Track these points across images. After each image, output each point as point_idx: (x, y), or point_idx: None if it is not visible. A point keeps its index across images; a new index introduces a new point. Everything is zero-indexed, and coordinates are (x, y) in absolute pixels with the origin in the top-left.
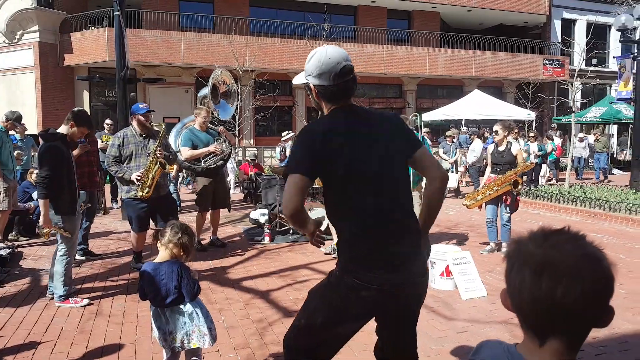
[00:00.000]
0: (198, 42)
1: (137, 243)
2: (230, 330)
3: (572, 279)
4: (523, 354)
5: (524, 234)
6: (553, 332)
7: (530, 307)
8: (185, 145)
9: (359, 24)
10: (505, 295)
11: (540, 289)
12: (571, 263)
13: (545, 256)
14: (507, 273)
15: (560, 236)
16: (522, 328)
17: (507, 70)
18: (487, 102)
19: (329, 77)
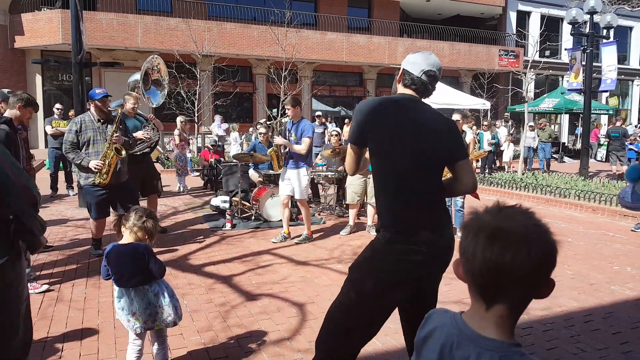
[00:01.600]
0: (156, 25)
1: (97, 230)
2: (194, 314)
3: (521, 245)
4: (467, 320)
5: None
6: (499, 296)
7: (481, 270)
8: None
9: (320, 11)
10: (457, 264)
11: (492, 253)
12: (521, 231)
13: (498, 224)
14: (463, 240)
15: (513, 209)
16: (470, 294)
17: (463, 60)
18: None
19: (419, 69)
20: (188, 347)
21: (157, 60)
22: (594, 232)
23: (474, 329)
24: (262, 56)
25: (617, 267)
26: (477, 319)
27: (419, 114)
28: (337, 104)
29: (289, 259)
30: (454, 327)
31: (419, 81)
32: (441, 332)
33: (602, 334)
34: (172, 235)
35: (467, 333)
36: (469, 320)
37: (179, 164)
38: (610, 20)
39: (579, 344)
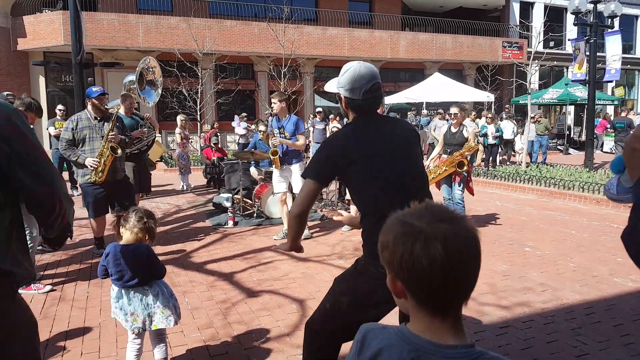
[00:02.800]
0: (156, 25)
1: (97, 228)
2: (194, 311)
3: (472, 244)
4: (419, 333)
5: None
6: (455, 301)
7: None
8: None
9: (321, 6)
10: (393, 281)
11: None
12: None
13: (443, 230)
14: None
15: (441, 209)
16: (418, 308)
17: (467, 53)
18: (448, 84)
19: (359, 92)
20: (188, 345)
21: (154, 62)
22: (598, 224)
23: (434, 341)
24: (263, 53)
25: (620, 258)
26: (434, 331)
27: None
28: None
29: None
30: (406, 344)
31: (365, 102)
32: (391, 353)
33: (603, 326)
34: (175, 233)
35: (427, 348)
36: (424, 334)
37: (182, 162)
38: (614, 9)
39: (579, 336)
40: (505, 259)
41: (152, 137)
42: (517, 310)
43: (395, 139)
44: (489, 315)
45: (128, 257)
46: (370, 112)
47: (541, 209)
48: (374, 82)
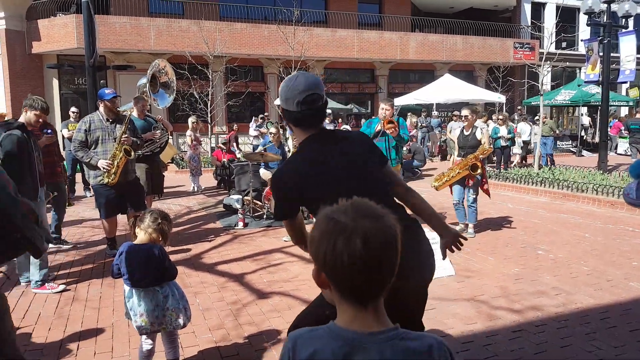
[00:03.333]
0: (168, 28)
1: (109, 228)
2: (206, 312)
3: (392, 238)
4: (347, 326)
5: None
6: (377, 292)
7: (362, 272)
8: None
9: (330, 8)
10: (318, 272)
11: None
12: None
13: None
14: (329, 248)
15: (366, 205)
16: (341, 301)
17: (477, 54)
18: (458, 86)
19: (292, 102)
20: (200, 346)
21: (163, 63)
22: (612, 227)
23: (364, 331)
24: (273, 55)
25: (635, 262)
26: (360, 321)
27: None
28: (349, 101)
29: (300, 257)
30: (335, 340)
31: (302, 115)
32: (324, 353)
33: (618, 331)
34: (186, 234)
35: (356, 339)
36: (353, 326)
37: (193, 164)
38: (628, 9)
39: (594, 341)
40: (517, 262)
41: (164, 139)
42: (530, 314)
43: (349, 158)
44: (501, 319)
45: (140, 257)
46: (311, 127)
47: (554, 212)
48: (310, 92)
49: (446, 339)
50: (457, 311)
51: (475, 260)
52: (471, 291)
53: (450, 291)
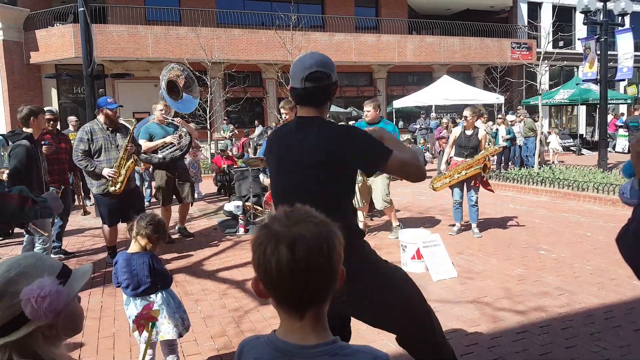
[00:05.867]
0: (165, 35)
1: (110, 237)
2: (207, 319)
3: (320, 245)
4: (286, 338)
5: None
6: (309, 301)
7: (290, 280)
8: (142, 137)
9: (327, 12)
10: (257, 281)
11: (297, 260)
12: (315, 232)
13: (294, 231)
14: (259, 256)
15: (299, 212)
16: (279, 310)
17: (475, 55)
18: (456, 87)
19: (298, 79)
20: (202, 354)
21: (175, 68)
22: (614, 226)
23: (296, 343)
24: (271, 61)
25: None
26: (296, 332)
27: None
28: (348, 104)
29: None
30: (273, 351)
31: (306, 92)
32: None
33: (623, 330)
34: (187, 241)
35: (291, 351)
36: (288, 337)
37: (192, 170)
38: (624, 7)
39: (599, 341)
40: (520, 262)
41: (186, 142)
42: (534, 315)
43: (303, 151)
44: (504, 320)
45: (132, 265)
46: (311, 106)
47: (555, 211)
48: (314, 69)
49: (450, 342)
50: (460, 313)
51: (478, 261)
52: (474, 293)
53: (453, 293)
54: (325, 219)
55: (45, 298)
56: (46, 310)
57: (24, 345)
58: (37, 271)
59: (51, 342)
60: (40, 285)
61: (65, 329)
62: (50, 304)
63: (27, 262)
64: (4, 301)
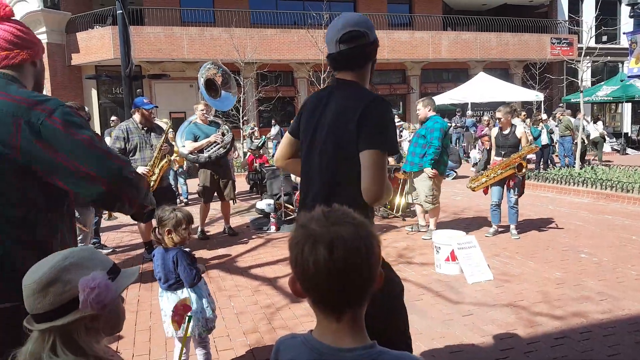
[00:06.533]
0: (200, 36)
1: (146, 232)
2: (240, 315)
3: (358, 246)
4: (322, 339)
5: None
6: (347, 303)
7: (328, 281)
8: (188, 138)
9: (359, 10)
10: (294, 281)
11: (335, 261)
12: (352, 232)
13: (331, 231)
14: (298, 256)
15: (336, 212)
16: (315, 311)
17: (513, 51)
18: (493, 84)
19: (333, 43)
20: (234, 349)
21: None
22: None
23: (332, 346)
24: (303, 60)
25: None
26: (332, 334)
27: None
28: None
29: None
30: (309, 351)
31: (341, 56)
32: None
33: None
34: (220, 238)
35: (327, 352)
36: (324, 339)
37: None
38: None
39: None
40: (559, 266)
41: (229, 140)
42: (574, 320)
43: (324, 121)
44: (542, 325)
45: (164, 260)
46: (347, 69)
47: (597, 213)
48: (349, 29)
49: (484, 346)
50: (495, 317)
51: (515, 264)
52: (510, 296)
53: (489, 296)
54: (363, 220)
55: (95, 289)
56: (93, 301)
57: (67, 332)
58: (90, 264)
59: (92, 335)
60: (92, 277)
61: (107, 325)
62: (98, 295)
63: (83, 254)
64: (56, 287)
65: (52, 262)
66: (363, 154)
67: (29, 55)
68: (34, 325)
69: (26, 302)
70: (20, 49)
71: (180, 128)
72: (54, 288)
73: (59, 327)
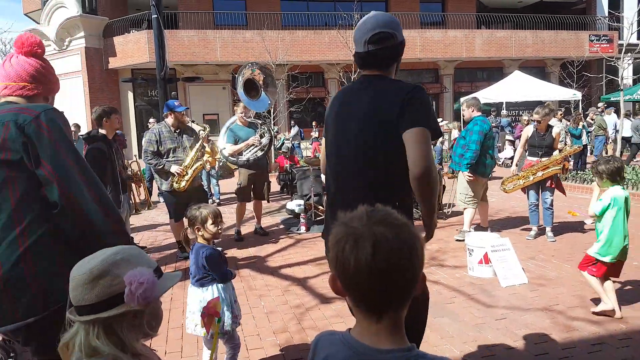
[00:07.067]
0: (232, 39)
1: (177, 231)
2: (270, 315)
3: (402, 247)
4: (360, 338)
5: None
6: (388, 304)
7: (370, 281)
8: (228, 141)
9: (391, 10)
10: (334, 279)
11: (379, 261)
12: (396, 233)
13: (375, 230)
14: (339, 254)
15: (377, 212)
16: (355, 310)
17: (549, 49)
18: (529, 83)
19: (361, 43)
20: (264, 348)
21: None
22: None
23: (370, 346)
24: (334, 60)
25: None
26: (370, 335)
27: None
28: None
29: None
30: (347, 350)
31: (366, 55)
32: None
33: None
34: (251, 238)
35: (365, 352)
36: (363, 338)
37: None
38: None
39: None
40: None
41: (267, 142)
42: (612, 325)
43: (359, 112)
44: (578, 330)
45: (195, 256)
46: (374, 67)
47: (638, 216)
48: (377, 30)
49: (517, 350)
50: (530, 321)
51: (550, 267)
52: (546, 300)
53: (523, 300)
54: (407, 221)
55: (142, 284)
56: (140, 296)
57: (111, 325)
58: (139, 261)
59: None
60: (140, 272)
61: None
62: (145, 291)
63: (132, 252)
64: (105, 279)
65: (103, 256)
66: (408, 133)
67: (44, 90)
68: (77, 316)
69: (72, 294)
70: (38, 83)
71: (222, 130)
72: (103, 281)
73: (103, 320)
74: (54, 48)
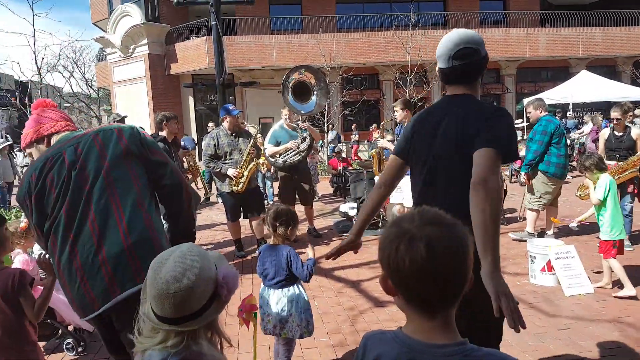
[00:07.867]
0: (288, 43)
1: (233, 231)
2: (323, 316)
3: (455, 247)
4: (411, 334)
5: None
6: (441, 303)
7: (426, 281)
8: (269, 142)
9: (449, 9)
10: (385, 279)
11: (430, 260)
12: (448, 234)
13: (429, 231)
14: (392, 254)
15: (429, 212)
16: (407, 308)
17: (620, 46)
18: (598, 83)
19: (445, 58)
20: (318, 348)
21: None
22: None
23: (425, 342)
24: (389, 62)
25: None
26: (425, 332)
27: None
28: None
29: None
30: (400, 347)
31: (454, 71)
32: (388, 357)
33: None
34: (305, 239)
35: (419, 349)
36: (415, 335)
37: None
38: None
39: None
40: None
41: (305, 147)
42: None
43: (451, 132)
44: None
45: (271, 257)
46: (459, 83)
47: None
48: (462, 46)
49: None
50: (596, 333)
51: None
52: (614, 312)
53: (589, 311)
54: (457, 221)
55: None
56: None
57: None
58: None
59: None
60: (229, 269)
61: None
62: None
63: (201, 252)
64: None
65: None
66: (476, 152)
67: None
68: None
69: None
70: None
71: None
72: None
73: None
74: (119, 55)
